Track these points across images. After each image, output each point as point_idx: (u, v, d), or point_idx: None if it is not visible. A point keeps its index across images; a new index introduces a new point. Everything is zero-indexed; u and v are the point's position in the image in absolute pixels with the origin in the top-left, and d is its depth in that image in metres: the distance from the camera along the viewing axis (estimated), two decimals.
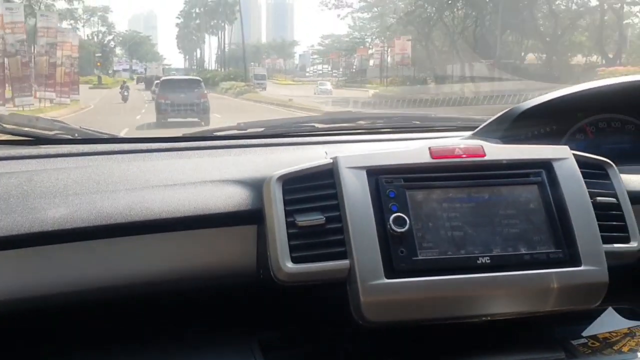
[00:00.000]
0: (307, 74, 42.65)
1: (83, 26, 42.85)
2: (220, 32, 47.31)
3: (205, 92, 14.17)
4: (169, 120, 12.71)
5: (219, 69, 42.07)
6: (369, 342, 1.09)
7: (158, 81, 16.54)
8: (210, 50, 54.79)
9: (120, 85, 22.88)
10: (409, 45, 28.30)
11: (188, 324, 1.11)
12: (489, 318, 1.01)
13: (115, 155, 1.24)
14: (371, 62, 36.45)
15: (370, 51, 36.94)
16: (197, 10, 48.09)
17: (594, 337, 1.06)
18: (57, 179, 1.07)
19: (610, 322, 1.10)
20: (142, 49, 47.08)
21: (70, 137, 1.38)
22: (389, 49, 30.17)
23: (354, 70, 37.14)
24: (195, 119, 12.60)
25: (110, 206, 0.99)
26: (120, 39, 45.51)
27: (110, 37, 44.07)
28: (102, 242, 0.98)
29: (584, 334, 1.08)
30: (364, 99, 20.80)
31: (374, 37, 38.80)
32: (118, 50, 44.66)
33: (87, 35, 43.10)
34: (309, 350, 1.10)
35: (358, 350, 1.09)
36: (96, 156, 1.23)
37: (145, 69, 37.04)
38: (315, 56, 48.31)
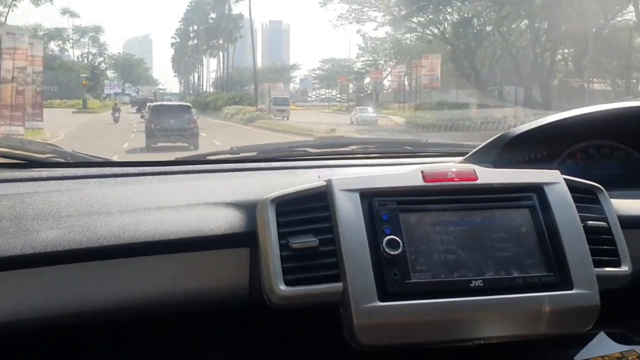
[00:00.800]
0: (310, 99, 42.56)
1: (72, 47, 43.61)
2: (219, 53, 46.95)
3: (195, 118, 15.14)
4: (159, 144, 13.49)
5: (220, 92, 41.18)
6: None
7: (151, 104, 17.31)
8: (208, 73, 55.03)
9: (112, 107, 24.48)
10: (439, 65, 26.90)
11: (180, 348, 1.19)
12: (482, 341, 1.08)
13: (107, 179, 1.33)
14: (386, 85, 36.09)
15: (384, 73, 36.73)
16: (196, 28, 47.76)
17: None
18: (50, 201, 1.15)
19: (602, 346, 1.18)
20: (136, 73, 47.57)
21: (62, 160, 1.47)
22: (413, 70, 28.94)
23: (363, 95, 36.51)
24: (185, 144, 13.41)
25: (103, 228, 1.06)
26: (113, 61, 46.08)
27: (102, 59, 44.81)
28: (95, 264, 1.04)
29: (577, 358, 1.16)
30: (406, 127, 19.87)
31: (387, 58, 38.29)
32: (110, 73, 45.27)
33: (77, 57, 43.90)
34: None
35: None
36: (89, 179, 1.32)
37: (138, 92, 37.65)
38: (314, 81, 48.46)
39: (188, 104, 19.44)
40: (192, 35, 49.36)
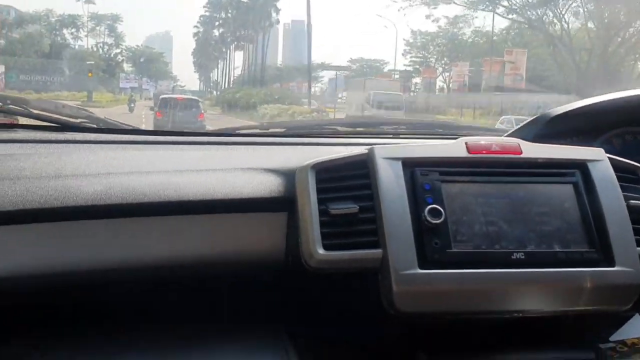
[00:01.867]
0: (341, 100, 41.27)
1: (87, 35, 44.34)
2: (247, 46, 45.53)
3: (202, 112, 16.91)
4: None
5: (251, 88, 37.09)
6: (398, 335, 1.27)
7: (161, 96, 19.16)
8: (233, 68, 54.94)
9: (129, 98, 26.74)
10: (524, 62, 24.26)
11: (217, 313, 1.28)
12: (520, 315, 1.17)
13: (141, 145, 1.45)
14: (439, 86, 33.43)
15: (439, 70, 34.16)
16: (224, 15, 46.61)
17: (622, 342, 1.22)
18: (87, 160, 1.26)
19: (638, 328, 1.26)
20: (154, 67, 48.00)
21: (94, 125, 1.59)
22: (488, 67, 26.38)
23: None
24: None
25: (144, 186, 1.17)
26: (130, 54, 46.04)
27: (118, 51, 45.50)
28: (134, 220, 1.15)
29: (612, 338, 1.24)
30: None
31: (439, 56, 35.72)
32: (127, 67, 45.65)
33: (91, 47, 44.66)
34: (339, 342, 1.28)
35: (387, 343, 1.27)
36: (122, 144, 1.44)
37: (156, 87, 38.26)
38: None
39: (197, 98, 21.30)
40: (217, 23, 49.54)
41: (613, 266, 1.15)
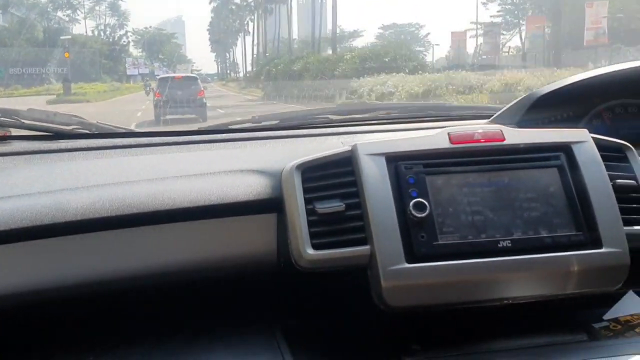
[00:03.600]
0: None
1: (85, 18, 44.66)
2: (277, 7, 45.38)
3: (202, 89, 18.49)
4: (168, 117, 16.03)
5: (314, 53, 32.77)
6: (390, 328, 1.44)
7: (158, 76, 20.72)
8: (258, 43, 54.02)
9: (144, 83, 28.91)
10: None
11: (210, 314, 1.46)
12: (510, 301, 1.33)
13: (133, 149, 1.65)
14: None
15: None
16: None
17: (615, 320, 1.38)
18: (77, 171, 1.44)
19: (631, 305, 1.42)
20: (166, 50, 48.33)
21: (87, 131, 1.80)
22: None
23: (479, 57, 28.84)
24: (193, 116, 16.00)
25: (132, 196, 1.33)
26: (138, 37, 45.74)
27: (123, 32, 45.72)
28: (124, 231, 1.31)
29: (606, 317, 1.40)
30: None
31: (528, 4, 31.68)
32: (136, 52, 45.22)
33: (92, 30, 44.94)
34: (332, 337, 1.45)
35: (380, 337, 1.44)
36: (114, 150, 1.64)
37: (175, 72, 38.65)
38: None
39: (195, 75, 23.61)
40: None
41: (600, 248, 1.30)
